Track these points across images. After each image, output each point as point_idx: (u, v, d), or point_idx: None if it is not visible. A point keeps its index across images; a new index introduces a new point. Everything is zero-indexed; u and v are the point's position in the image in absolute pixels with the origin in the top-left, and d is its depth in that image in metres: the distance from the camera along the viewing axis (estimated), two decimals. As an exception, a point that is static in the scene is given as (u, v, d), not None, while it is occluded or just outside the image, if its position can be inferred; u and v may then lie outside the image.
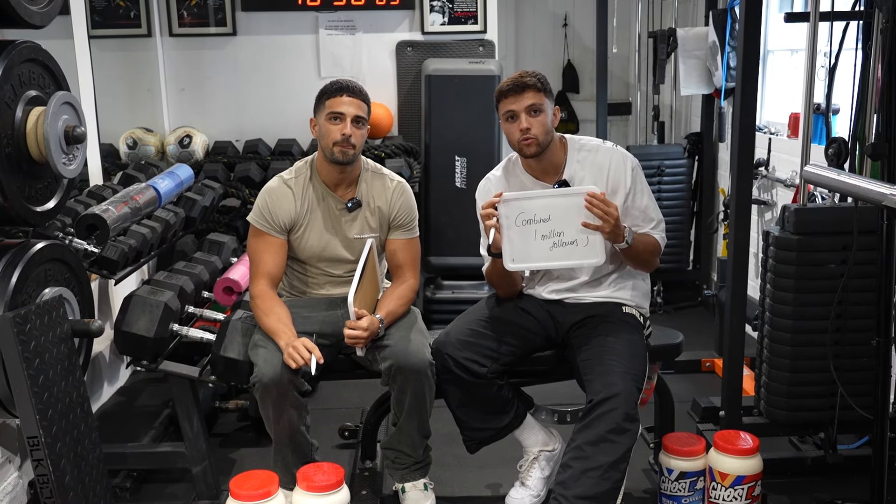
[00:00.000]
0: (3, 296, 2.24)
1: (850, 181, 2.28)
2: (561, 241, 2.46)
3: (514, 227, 2.46)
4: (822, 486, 2.81)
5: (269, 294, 2.65)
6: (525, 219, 2.46)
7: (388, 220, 2.77)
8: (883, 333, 2.38)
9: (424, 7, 4.59)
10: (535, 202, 2.47)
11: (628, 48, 5.83)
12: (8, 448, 2.60)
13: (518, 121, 2.53)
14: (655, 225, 2.65)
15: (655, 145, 5.30)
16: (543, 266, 2.58)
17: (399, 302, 2.69)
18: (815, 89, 2.95)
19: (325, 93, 2.66)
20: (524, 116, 2.52)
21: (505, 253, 2.48)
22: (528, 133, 2.52)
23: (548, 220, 2.45)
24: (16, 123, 2.30)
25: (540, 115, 2.53)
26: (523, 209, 2.46)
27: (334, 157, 2.63)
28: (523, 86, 2.52)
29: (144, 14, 4.47)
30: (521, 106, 2.52)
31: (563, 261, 2.50)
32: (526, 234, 2.46)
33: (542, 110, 2.53)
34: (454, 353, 2.54)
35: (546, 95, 2.56)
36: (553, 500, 2.38)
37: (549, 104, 2.57)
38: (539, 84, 2.53)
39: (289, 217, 2.69)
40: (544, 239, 2.46)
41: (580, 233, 2.44)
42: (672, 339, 2.81)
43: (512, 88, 2.53)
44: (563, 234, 2.45)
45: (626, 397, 2.35)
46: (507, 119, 2.57)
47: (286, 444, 2.59)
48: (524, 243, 2.47)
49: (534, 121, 2.52)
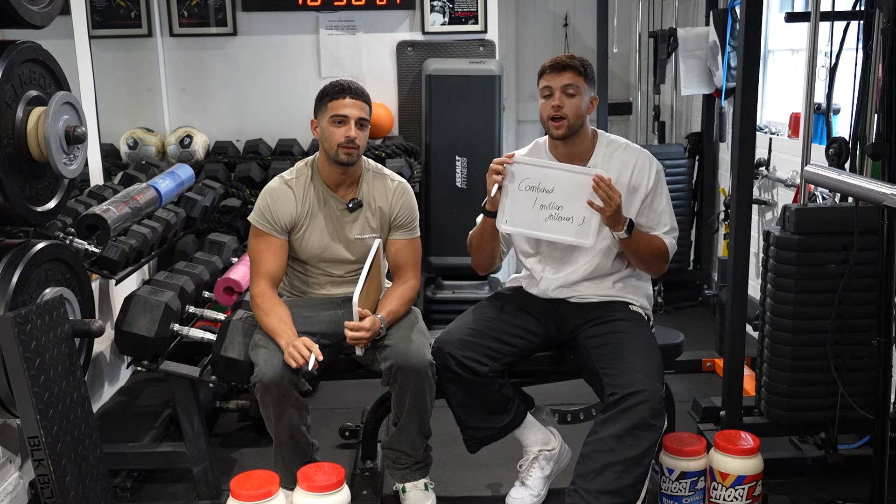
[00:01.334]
0: (3, 296, 2.24)
1: (851, 181, 2.28)
2: (558, 214, 2.49)
3: (515, 191, 2.50)
4: (823, 486, 2.81)
5: (269, 294, 2.65)
6: (529, 185, 2.49)
7: (388, 220, 2.76)
8: (883, 333, 2.38)
9: (425, 7, 4.59)
10: (543, 171, 2.50)
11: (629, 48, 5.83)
12: (8, 448, 2.60)
13: (552, 98, 2.54)
14: (668, 231, 2.65)
15: (656, 145, 5.30)
16: (533, 234, 2.60)
17: (400, 302, 2.69)
18: (816, 89, 2.95)
19: (327, 94, 2.65)
20: (558, 94, 2.53)
21: (500, 212, 2.51)
22: (559, 111, 2.53)
23: (551, 192, 2.48)
24: (16, 123, 2.30)
25: (575, 97, 2.54)
26: (530, 175, 2.49)
27: (338, 159, 2.63)
28: (564, 65, 2.54)
29: (145, 14, 4.47)
30: (557, 83, 2.54)
31: (555, 234, 2.52)
32: (525, 200, 2.50)
33: (578, 93, 2.55)
34: (455, 353, 2.54)
35: (586, 80, 2.57)
36: (573, 492, 2.38)
37: (588, 90, 2.58)
38: (581, 67, 2.56)
39: (290, 217, 2.69)
40: (542, 209, 2.49)
41: (579, 211, 2.47)
42: (673, 339, 2.81)
43: (553, 65, 2.56)
44: (563, 208, 2.48)
45: (653, 393, 2.36)
46: (543, 95, 2.59)
47: (287, 444, 2.59)
48: (522, 208, 2.50)
49: (568, 101, 2.54)
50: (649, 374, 2.41)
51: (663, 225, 2.65)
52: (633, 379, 2.38)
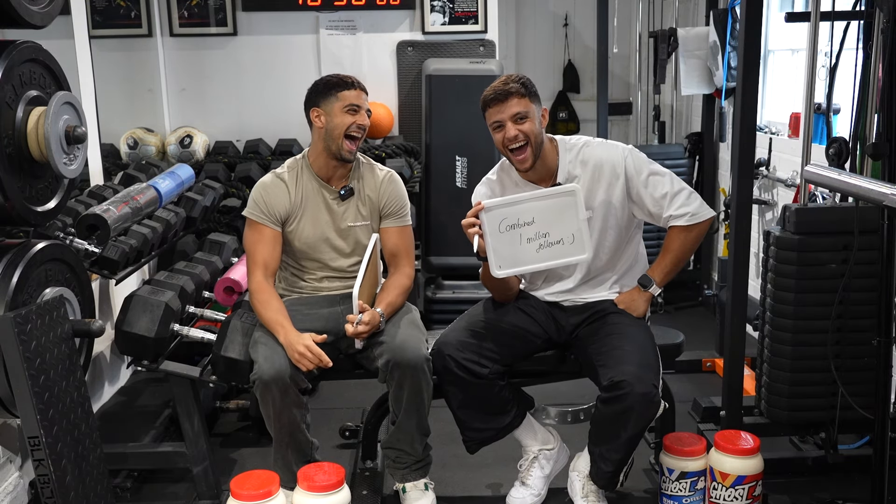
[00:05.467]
0: (3, 296, 2.24)
1: (851, 181, 2.28)
2: (547, 241, 2.46)
3: (497, 234, 2.45)
4: (823, 486, 2.81)
5: (265, 286, 2.66)
6: (509, 224, 2.45)
7: (378, 208, 2.79)
8: (883, 333, 2.38)
9: (425, 7, 4.59)
10: (517, 207, 2.45)
11: (629, 48, 5.83)
12: (9, 448, 2.60)
13: (505, 129, 2.51)
14: (679, 200, 2.56)
15: (656, 145, 5.30)
16: (533, 269, 2.57)
17: (397, 292, 2.71)
18: (816, 89, 2.95)
19: (337, 85, 2.69)
20: (510, 125, 2.50)
21: (491, 261, 2.47)
22: (516, 141, 2.50)
23: (532, 223, 2.45)
24: (17, 123, 2.30)
25: (526, 121, 2.51)
26: (506, 215, 2.45)
27: (342, 153, 2.67)
28: (506, 93, 2.49)
29: (145, 14, 4.47)
30: (506, 115, 2.50)
31: (552, 260, 2.50)
32: (512, 240, 2.46)
33: (529, 116, 2.51)
34: (455, 355, 2.54)
35: (531, 99, 2.52)
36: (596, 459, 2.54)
37: (536, 108, 2.54)
38: (522, 89, 2.50)
39: (283, 208, 2.72)
40: (530, 242, 2.46)
41: (565, 231, 2.44)
42: (673, 339, 2.81)
43: (495, 97, 2.51)
44: (549, 234, 2.46)
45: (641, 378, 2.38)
46: (494, 129, 2.55)
47: (287, 443, 2.59)
48: (511, 248, 2.46)
49: (521, 127, 2.50)
50: (642, 363, 2.42)
51: (671, 197, 2.56)
52: (625, 368, 2.39)
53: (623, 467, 2.57)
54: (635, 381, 2.37)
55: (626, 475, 2.61)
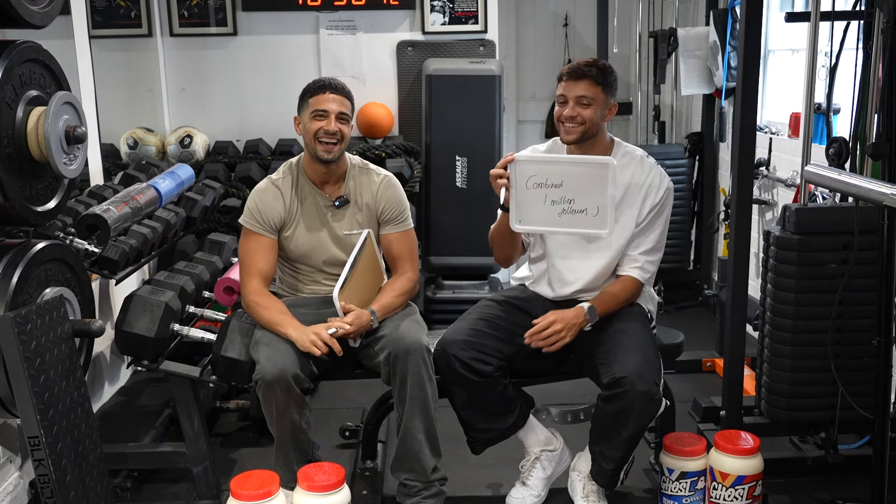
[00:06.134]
0: (3, 296, 2.24)
1: (851, 181, 2.28)
2: (571, 208, 2.45)
3: (524, 189, 2.46)
4: (823, 486, 2.81)
5: (263, 291, 2.67)
6: (537, 182, 2.45)
7: (376, 215, 2.78)
8: (883, 333, 2.38)
9: (425, 7, 4.59)
10: (549, 166, 2.47)
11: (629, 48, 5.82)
12: (9, 448, 2.60)
13: (566, 107, 2.54)
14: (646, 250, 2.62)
15: (656, 145, 5.29)
16: (550, 230, 2.57)
17: (394, 294, 2.70)
18: (816, 89, 2.95)
19: (308, 91, 2.69)
20: (572, 104, 2.53)
21: (512, 213, 2.48)
22: (572, 119, 2.53)
23: (560, 186, 2.44)
24: (17, 123, 2.30)
25: (589, 108, 2.53)
26: (535, 172, 2.45)
27: (319, 156, 2.66)
28: (581, 74, 2.53)
29: (145, 14, 4.47)
30: (572, 93, 2.53)
31: (571, 227, 2.49)
32: (536, 198, 2.46)
33: (593, 104, 2.53)
34: (459, 354, 2.54)
35: (603, 89, 2.55)
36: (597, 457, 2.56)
37: (605, 98, 2.56)
38: (599, 76, 2.54)
39: (278, 216, 2.71)
40: (554, 204, 2.46)
41: (591, 202, 2.43)
42: (673, 339, 2.82)
43: (570, 73, 2.55)
44: (574, 201, 2.45)
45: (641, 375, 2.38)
46: (558, 101, 2.58)
47: (288, 442, 2.59)
48: (534, 206, 2.47)
49: (581, 111, 2.53)
50: (643, 361, 2.42)
51: (646, 246, 2.62)
52: (626, 366, 2.40)
53: (623, 466, 2.57)
54: (636, 379, 2.37)
55: (626, 474, 2.62)
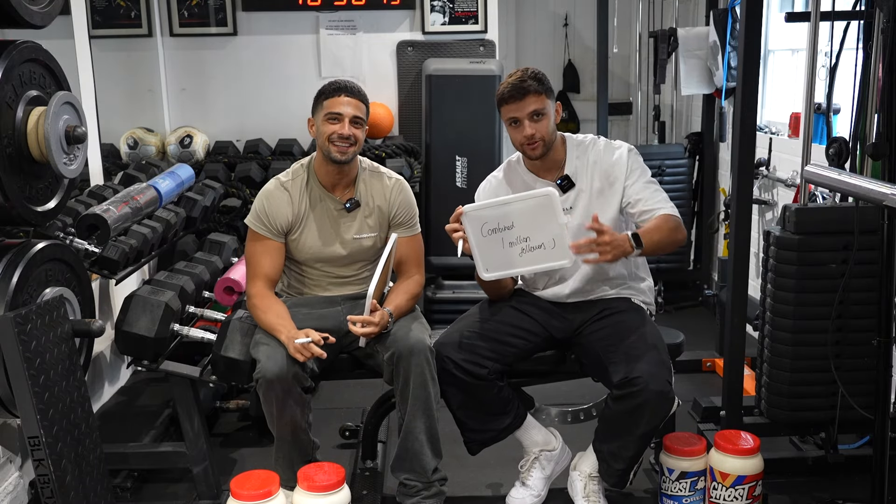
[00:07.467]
0: (3, 296, 2.24)
1: (851, 181, 2.28)
2: (529, 245, 2.45)
3: (481, 238, 2.47)
4: (823, 486, 2.81)
5: (266, 293, 2.66)
6: (490, 228, 2.46)
7: (388, 218, 2.77)
8: (884, 333, 2.38)
9: (425, 7, 4.59)
10: (493, 211, 2.46)
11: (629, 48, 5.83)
12: (9, 448, 2.60)
13: (522, 127, 2.52)
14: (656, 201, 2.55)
15: (656, 145, 5.30)
16: (518, 272, 2.57)
17: (406, 297, 2.71)
18: (816, 89, 2.95)
19: (323, 93, 2.67)
20: (527, 122, 2.51)
21: (477, 264, 2.49)
22: (533, 138, 2.52)
23: (511, 228, 2.45)
24: (17, 123, 2.30)
25: (543, 118, 2.52)
26: (486, 219, 2.46)
27: (333, 157, 2.63)
28: (523, 91, 2.49)
29: (145, 14, 4.47)
30: (523, 112, 2.51)
31: (535, 265, 2.49)
32: (494, 243, 2.47)
33: (545, 113, 2.52)
34: (454, 356, 2.54)
35: (547, 96, 2.54)
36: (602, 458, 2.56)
37: (551, 104, 2.56)
38: (539, 86, 2.51)
39: (286, 220, 2.70)
40: (512, 246, 2.46)
41: (545, 235, 2.43)
42: (673, 339, 2.81)
43: (512, 94, 2.51)
44: (529, 238, 2.44)
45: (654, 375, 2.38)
46: (510, 124, 2.56)
47: (288, 441, 2.59)
48: (496, 252, 2.47)
49: (537, 125, 2.52)
50: (655, 361, 2.42)
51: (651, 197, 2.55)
52: (639, 365, 2.40)
53: (634, 465, 2.57)
54: (650, 379, 2.37)
55: (635, 473, 2.61)
